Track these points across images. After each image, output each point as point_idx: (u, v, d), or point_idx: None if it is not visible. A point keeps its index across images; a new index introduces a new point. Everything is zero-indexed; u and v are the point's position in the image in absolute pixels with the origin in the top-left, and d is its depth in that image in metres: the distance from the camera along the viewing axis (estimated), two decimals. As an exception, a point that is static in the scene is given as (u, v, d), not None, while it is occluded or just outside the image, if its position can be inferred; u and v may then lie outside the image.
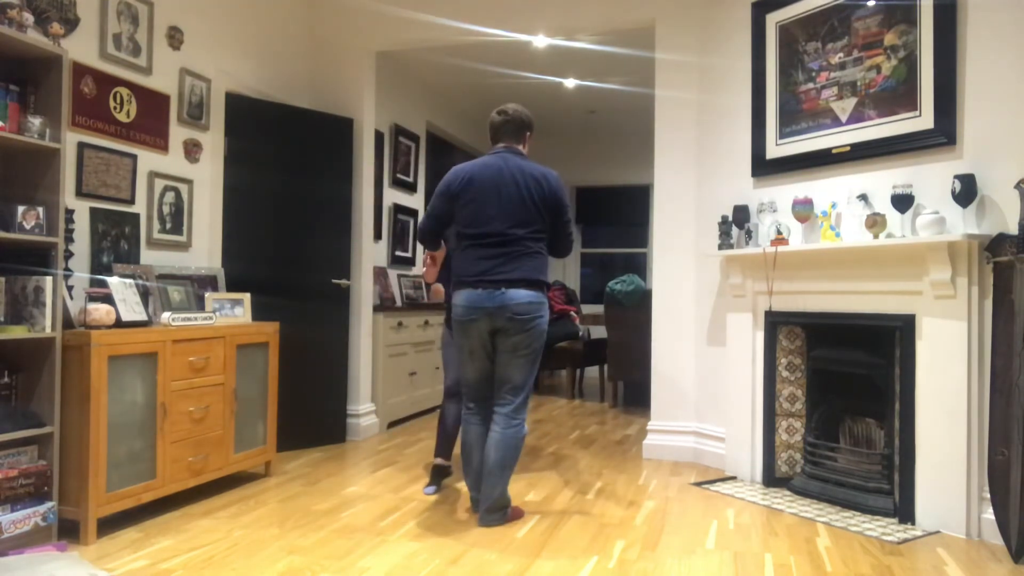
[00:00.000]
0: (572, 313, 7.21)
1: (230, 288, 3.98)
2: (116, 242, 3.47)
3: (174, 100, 3.83)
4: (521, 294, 2.99)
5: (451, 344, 3.51)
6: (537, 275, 3.05)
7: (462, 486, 3.61)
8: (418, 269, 6.70)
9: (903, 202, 3.17)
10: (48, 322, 2.70)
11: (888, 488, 3.28)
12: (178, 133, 3.87)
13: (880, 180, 3.36)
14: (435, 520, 3.11)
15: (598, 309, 7.95)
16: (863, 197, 3.41)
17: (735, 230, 3.98)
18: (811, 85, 3.66)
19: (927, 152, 3.19)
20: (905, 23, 3.27)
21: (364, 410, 4.85)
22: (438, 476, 3.61)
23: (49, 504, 2.68)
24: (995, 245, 2.91)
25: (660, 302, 4.45)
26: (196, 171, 3.99)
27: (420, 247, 6.74)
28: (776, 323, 3.77)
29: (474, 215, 3.06)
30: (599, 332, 7.86)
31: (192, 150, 3.96)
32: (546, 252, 3.15)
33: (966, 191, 2.96)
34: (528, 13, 4.63)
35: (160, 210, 3.73)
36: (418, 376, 5.64)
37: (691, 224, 4.37)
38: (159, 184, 3.72)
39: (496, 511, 3.07)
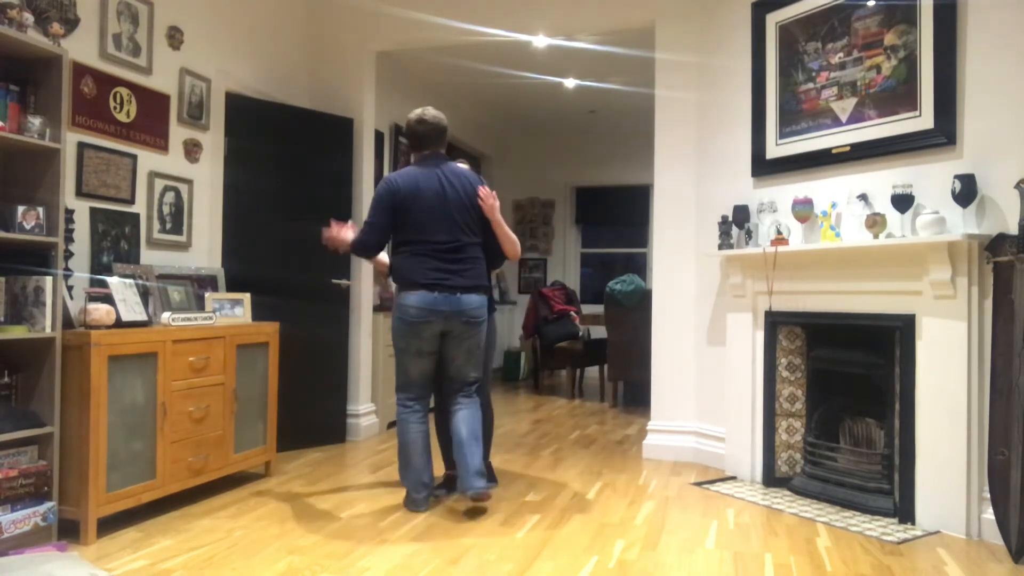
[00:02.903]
0: (572, 313, 7.22)
1: (230, 288, 3.98)
2: (116, 242, 3.47)
3: (174, 100, 3.83)
4: (474, 299, 3.22)
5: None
6: (485, 281, 3.33)
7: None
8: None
9: (903, 202, 3.17)
10: (48, 322, 2.70)
11: (888, 488, 3.28)
12: (178, 133, 3.87)
13: (880, 180, 3.36)
14: (435, 520, 3.11)
15: (598, 309, 7.94)
16: (863, 197, 3.41)
17: (735, 230, 3.98)
18: (811, 85, 3.66)
19: (927, 152, 3.19)
20: (905, 23, 3.27)
21: (364, 410, 4.85)
22: (450, 484, 3.55)
23: (49, 504, 2.68)
24: (995, 245, 2.91)
25: (660, 302, 4.45)
26: (196, 171, 3.99)
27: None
28: (776, 323, 3.77)
29: (422, 223, 3.19)
30: (599, 332, 7.86)
31: (192, 150, 3.96)
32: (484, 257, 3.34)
33: (966, 191, 2.96)
34: (528, 13, 4.63)
35: (160, 210, 3.73)
36: (418, 376, 5.63)
37: (691, 224, 4.37)
38: (159, 184, 3.72)
39: (482, 476, 3.19)
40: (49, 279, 2.71)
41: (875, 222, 3.26)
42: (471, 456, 3.18)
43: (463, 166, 3.40)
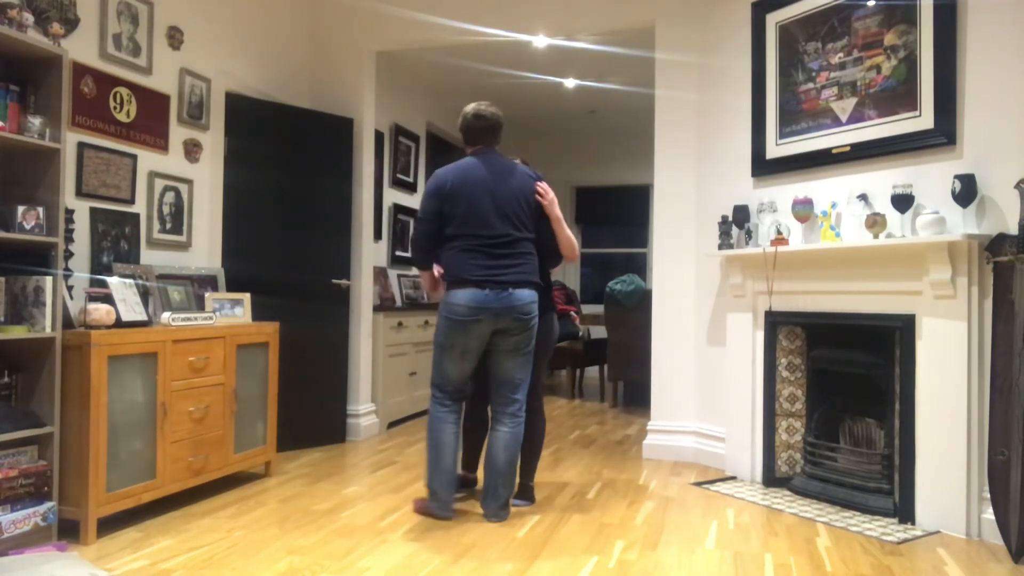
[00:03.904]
0: (572, 313, 7.22)
1: (230, 288, 3.98)
2: (116, 242, 3.47)
3: (174, 100, 3.83)
4: (525, 294, 3.06)
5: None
6: (536, 277, 3.16)
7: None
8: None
9: (903, 202, 3.17)
10: (48, 322, 2.70)
11: (888, 488, 3.28)
12: (178, 133, 3.87)
13: (880, 180, 3.36)
14: (435, 520, 3.11)
15: (598, 309, 7.95)
16: (863, 197, 3.41)
17: (735, 230, 3.98)
18: (811, 85, 3.66)
19: (927, 152, 3.19)
20: (905, 23, 3.27)
21: (364, 410, 4.85)
22: (462, 485, 3.49)
23: (49, 504, 2.68)
24: (995, 245, 2.91)
25: (660, 302, 4.45)
26: (196, 171, 3.99)
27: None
28: (776, 323, 3.77)
29: (470, 216, 3.06)
30: (599, 332, 7.86)
31: (192, 150, 3.96)
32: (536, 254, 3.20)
33: (966, 191, 2.96)
34: (528, 13, 4.63)
35: (160, 210, 3.73)
36: (418, 376, 5.63)
37: (691, 224, 4.37)
38: (159, 184, 3.72)
39: (506, 506, 3.16)
40: (49, 279, 2.71)
41: (875, 222, 3.26)
42: (504, 488, 3.10)
43: (518, 162, 3.30)
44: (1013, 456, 2.77)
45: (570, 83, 6.76)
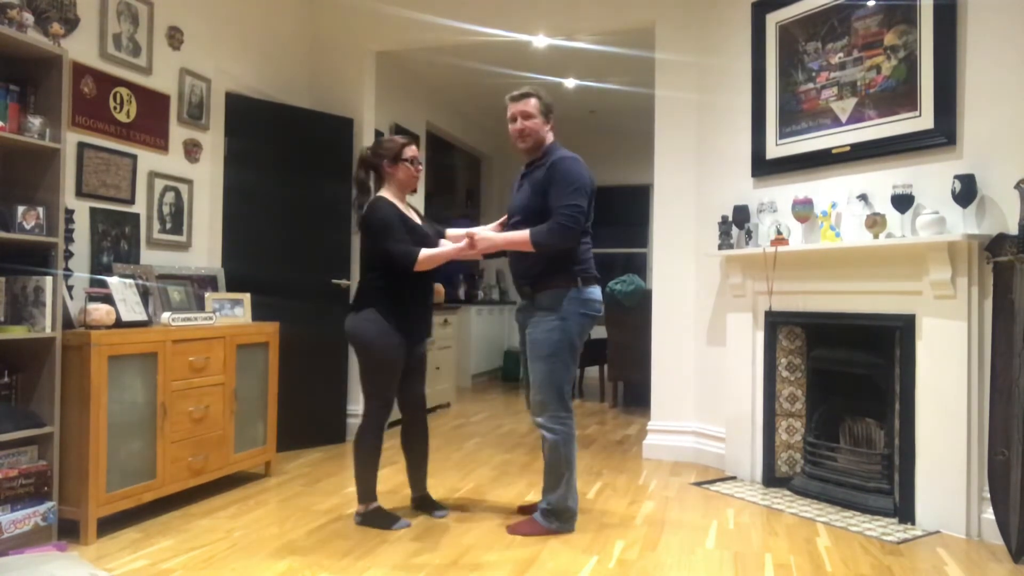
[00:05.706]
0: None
1: (230, 288, 3.98)
2: (116, 242, 3.47)
3: (174, 100, 3.83)
4: None
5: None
6: None
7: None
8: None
9: (903, 202, 3.17)
10: (48, 322, 2.70)
11: (888, 488, 3.28)
12: (178, 133, 3.86)
13: (880, 180, 3.36)
14: (435, 520, 3.11)
15: (598, 309, 7.95)
16: (863, 197, 3.40)
17: (735, 230, 3.98)
18: (811, 85, 3.66)
19: (927, 152, 3.19)
20: (905, 23, 3.27)
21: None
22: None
23: (49, 504, 2.68)
24: (995, 245, 2.91)
25: (660, 302, 4.45)
26: (196, 171, 3.99)
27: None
28: (776, 323, 3.77)
29: (590, 213, 3.02)
30: (599, 332, 7.84)
31: (192, 150, 3.96)
32: None
33: (966, 191, 2.96)
34: (528, 13, 4.63)
35: (160, 210, 3.73)
36: (418, 376, 5.62)
37: (691, 224, 4.37)
38: (159, 184, 3.72)
39: None
40: (49, 279, 2.71)
41: (875, 222, 3.26)
42: None
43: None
44: (1013, 456, 2.77)
45: (570, 83, 6.76)
